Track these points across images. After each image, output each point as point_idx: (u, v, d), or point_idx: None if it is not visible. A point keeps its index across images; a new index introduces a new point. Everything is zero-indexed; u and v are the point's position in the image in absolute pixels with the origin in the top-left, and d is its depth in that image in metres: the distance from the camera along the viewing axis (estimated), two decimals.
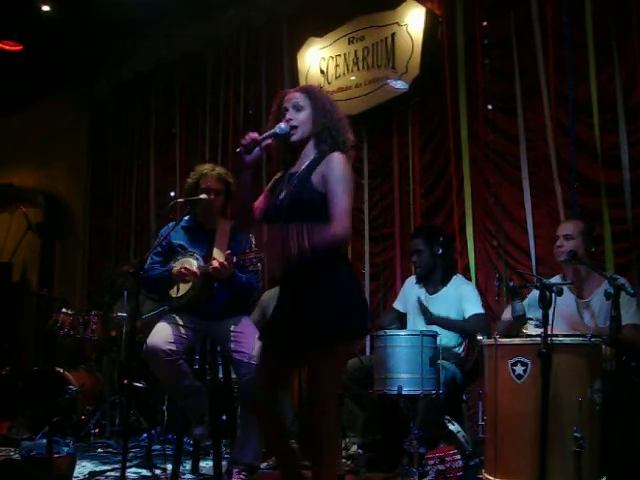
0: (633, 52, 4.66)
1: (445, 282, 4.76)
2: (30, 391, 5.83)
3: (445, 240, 4.80)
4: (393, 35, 5.91)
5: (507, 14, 5.37)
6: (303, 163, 2.97)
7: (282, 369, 2.99)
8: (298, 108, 2.96)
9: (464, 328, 4.60)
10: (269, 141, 2.95)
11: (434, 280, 4.79)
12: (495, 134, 5.38)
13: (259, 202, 3.07)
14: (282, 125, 2.93)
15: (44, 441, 3.96)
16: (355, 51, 6.21)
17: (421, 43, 5.71)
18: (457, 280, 4.80)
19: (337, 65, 6.34)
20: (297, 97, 2.99)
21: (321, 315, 2.76)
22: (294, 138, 2.95)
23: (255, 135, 2.90)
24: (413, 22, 5.78)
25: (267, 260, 3.84)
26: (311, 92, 3.04)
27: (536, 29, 5.18)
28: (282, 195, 2.93)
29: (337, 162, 2.86)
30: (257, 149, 2.91)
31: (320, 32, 6.52)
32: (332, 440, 2.91)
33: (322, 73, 6.41)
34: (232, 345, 4.06)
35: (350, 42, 6.26)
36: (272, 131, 2.93)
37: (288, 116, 2.95)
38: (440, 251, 4.71)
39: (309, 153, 2.98)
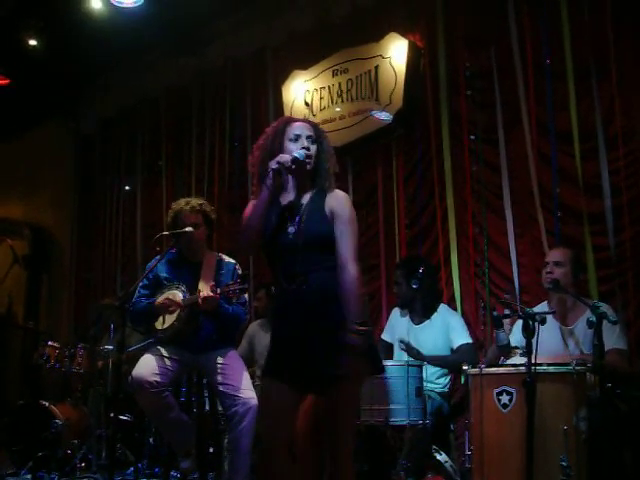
0: (611, 83, 4.74)
1: (430, 312, 4.75)
2: (15, 425, 5.76)
3: (426, 272, 4.75)
4: (376, 67, 5.97)
5: (488, 46, 5.44)
6: (301, 196, 2.96)
7: (295, 403, 2.87)
8: (311, 140, 2.98)
9: (451, 362, 4.58)
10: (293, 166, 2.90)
11: (417, 310, 4.79)
12: (478, 164, 5.42)
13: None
14: (300, 151, 2.91)
15: (29, 476, 3.93)
16: (339, 83, 6.26)
17: (404, 75, 5.76)
18: (443, 310, 4.80)
19: (322, 97, 6.39)
20: (309, 129, 3.01)
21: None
22: (308, 167, 2.94)
23: (289, 157, 2.88)
24: (396, 54, 5.85)
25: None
26: (318, 129, 3.07)
27: (517, 61, 5.25)
28: (293, 229, 2.89)
29: (347, 200, 2.94)
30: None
31: (304, 65, 6.59)
32: (352, 469, 2.87)
33: (307, 105, 6.46)
34: (219, 378, 4.05)
35: (334, 74, 6.32)
36: (295, 156, 2.88)
37: (306, 144, 2.95)
38: (416, 285, 4.67)
39: (304, 186, 2.98)
